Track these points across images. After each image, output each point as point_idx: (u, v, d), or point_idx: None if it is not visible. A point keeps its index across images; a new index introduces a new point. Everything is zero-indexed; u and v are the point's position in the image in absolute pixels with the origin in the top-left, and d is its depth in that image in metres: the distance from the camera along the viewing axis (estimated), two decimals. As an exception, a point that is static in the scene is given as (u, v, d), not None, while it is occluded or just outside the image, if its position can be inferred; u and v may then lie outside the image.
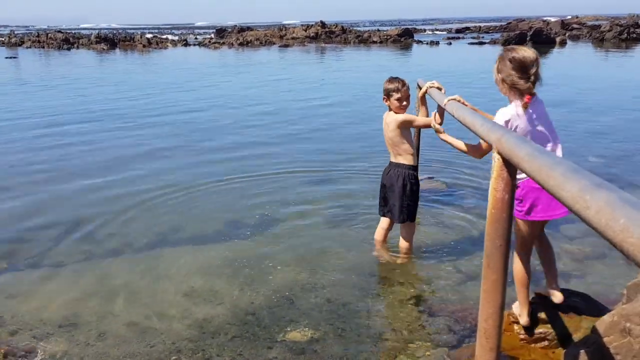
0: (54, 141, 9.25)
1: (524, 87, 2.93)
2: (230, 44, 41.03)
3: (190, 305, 3.89)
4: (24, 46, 41.89)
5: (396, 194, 4.37)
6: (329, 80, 18.11)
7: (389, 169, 4.45)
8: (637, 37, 35.94)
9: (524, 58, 2.93)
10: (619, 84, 15.55)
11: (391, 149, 4.41)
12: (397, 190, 4.36)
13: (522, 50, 2.98)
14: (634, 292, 2.80)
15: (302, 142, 8.91)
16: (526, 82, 2.93)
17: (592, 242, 4.65)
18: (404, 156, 4.36)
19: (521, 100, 2.95)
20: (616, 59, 25.08)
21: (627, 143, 8.25)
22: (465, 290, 4.01)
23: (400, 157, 4.37)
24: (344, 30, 45.86)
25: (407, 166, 4.37)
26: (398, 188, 4.35)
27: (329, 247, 4.83)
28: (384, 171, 4.51)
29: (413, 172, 4.40)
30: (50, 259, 4.75)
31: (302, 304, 3.86)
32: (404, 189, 4.35)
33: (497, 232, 2.02)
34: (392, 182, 4.38)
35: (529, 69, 2.93)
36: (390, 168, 4.43)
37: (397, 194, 4.36)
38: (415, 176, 4.41)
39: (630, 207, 1.04)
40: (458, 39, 44.78)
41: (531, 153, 1.63)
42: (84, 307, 3.90)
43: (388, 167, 4.47)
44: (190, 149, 8.53)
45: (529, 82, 2.93)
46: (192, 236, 5.17)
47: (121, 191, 6.49)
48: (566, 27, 43.62)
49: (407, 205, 4.40)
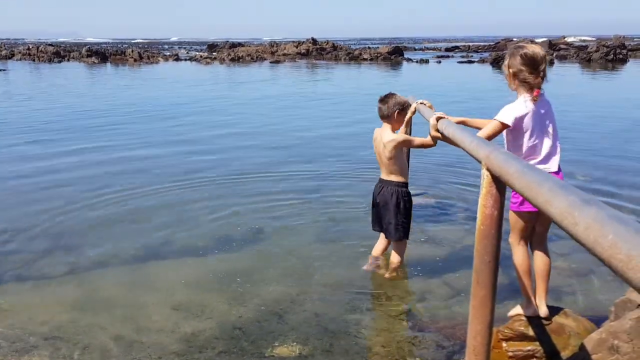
0: (39, 152, 9.20)
1: (534, 82, 3.06)
2: (222, 60, 41.13)
3: (177, 318, 3.85)
4: (15, 59, 41.73)
5: (391, 212, 4.30)
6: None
7: (381, 186, 4.37)
8: (624, 58, 36.51)
9: (534, 54, 3.07)
10: (607, 102, 15.74)
11: (384, 166, 4.33)
12: (391, 209, 4.29)
13: (532, 47, 3.11)
14: (621, 310, 2.82)
15: (294, 155, 8.92)
16: (536, 78, 3.06)
17: (580, 259, 4.67)
18: (396, 174, 4.30)
19: (530, 95, 3.07)
20: (603, 79, 25.42)
21: (614, 159, 8.33)
22: (454, 306, 4.01)
23: (392, 175, 4.31)
24: (335, 47, 46.18)
25: (400, 183, 4.32)
26: (392, 206, 4.29)
27: (318, 261, 4.82)
28: (376, 188, 4.43)
29: (406, 189, 4.35)
30: (35, 271, 4.69)
31: (291, 318, 3.84)
32: (397, 207, 4.29)
33: (486, 249, 2.03)
34: (386, 200, 4.31)
35: (539, 65, 3.07)
36: (383, 185, 4.36)
37: (392, 212, 4.30)
38: (408, 193, 4.37)
39: (618, 223, 1.06)
40: (448, 57, 45.24)
41: (520, 170, 1.65)
42: (69, 320, 3.84)
43: (380, 185, 4.39)
44: (178, 164, 8.50)
45: (538, 77, 3.06)
46: (180, 249, 5.14)
47: (108, 203, 6.44)
48: (554, 47, 44.18)
49: (402, 223, 4.33)
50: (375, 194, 4.42)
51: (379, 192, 4.38)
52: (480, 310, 2.07)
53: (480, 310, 2.07)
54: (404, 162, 4.37)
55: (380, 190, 4.37)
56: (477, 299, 2.08)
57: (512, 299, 4.00)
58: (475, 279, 2.08)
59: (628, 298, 2.92)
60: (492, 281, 2.05)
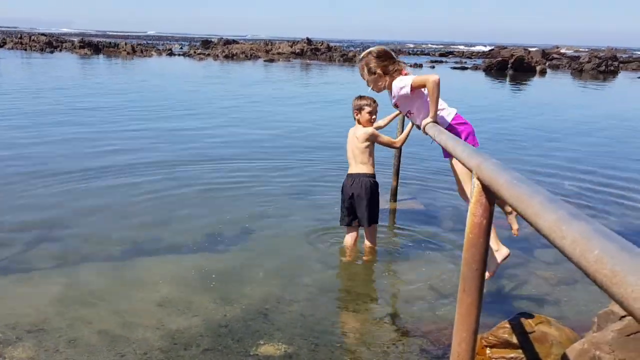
0: (29, 139, 9.13)
1: (400, 66, 3.90)
2: (216, 56, 41.01)
3: (163, 315, 3.84)
4: (6, 47, 41.36)
5: (364, 202, 4.74)
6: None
7: (352, 180, 4.79)
8: (615, 69, 36.86)
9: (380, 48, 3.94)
10: (598, 113, 15.89)
11: (354, 159, 4.79)
12: (365, 198, 4.74)
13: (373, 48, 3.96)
14: (604, 321, 2.85)
15: (283, 154, 8.93)
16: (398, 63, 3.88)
17: (565, 269, 4.72)
18: (367, 165, 4.77)
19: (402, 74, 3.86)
20: (594, 90, 25.64)
21: (602, 170, 8.41)
22: (439, 310, 4.04)
23: (363, 166, 4.76)
24: (330, 48, 46.19)
25: (370, 174, 4.79)
26: (366, 196, 4.74)
27: (305, 261, 4.83)
28: (346, 182, 4.85)
29: (374, 179, 4.82)
30: (20, 263, 4.66)
31: (277, 318, 3.85)
32: (371, 196, 4.76)
33: (474, 257, 2.05)
34: (358, 192, 4.74)
35: (391, 54, 3.91)
36: (354, 178, 4.78)
37: (365, 201, 4.74)
38: (376, 182, 4.83)
39: (604, 238, 1.08)
40: (441, 62, 45.40)
41: (510, 181, 1.66)
42: (54, 313, 3.82)
43: (350, 178, 4.81)
44: (170, 158, 8.47)
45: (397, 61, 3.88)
46: (167, 245, 5.13)
47: (95, 196, 6.42)
48: (547, 56, 44.50)
49: (373, 210, 4.82)
50: (347, 188, 4.82)
51: (350, 185, 4.80)
52: (466, 317, 2.09)
53: (466, 317, 2.09)
54: (373, 156, 4.83)
55: (352, 183, 4.79)
56: (463, 306, 2.10)
57: (498, 308, 4.04)
58: (462, 286, 2.10)
59: (611, 310, 2.96)
60: (479, 289, 2.07)
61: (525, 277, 4.70)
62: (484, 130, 11.77)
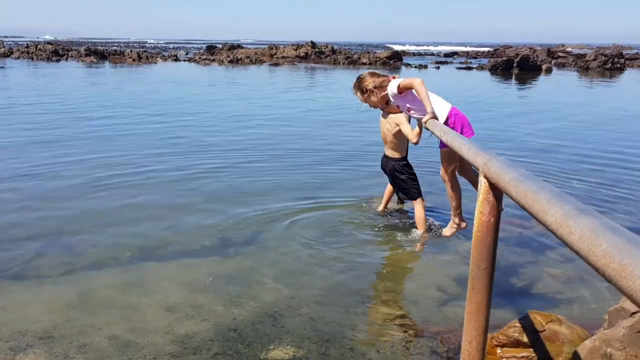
0: (38, 151, 9.18)
1: (389, 77, 4.61)
2: (221, 61, 41.14)
3: (172, 320, 3.85)
4: (13, 57, 41.66)
5: (395, 181, 5.71)
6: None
7: (386, 162, 5.73)
8: (621, 67, 36.69)
9: (369, 72, 4.81)
10: (604, 111, 15.82)
11: (387, 144, 5.68)
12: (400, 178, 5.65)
13: (362, 74, 4.80)
14: (615, 318, 2.83)
15: (295, 158, 8.94)
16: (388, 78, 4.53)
17: (575, 266, 4.70)
18: (395, 151, 5.64)
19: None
20: (601, 87, 25.53)
21: (609, 168, 8.37)
22: (448, 311, 4.02)
23: (392, 151, 5.64)
24: (334, 51, 46.20)
25: (397, 159, 5.64)
26: (394, 177, 5.70)
27: (314, 264, 4.83)
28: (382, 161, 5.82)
29: (405, 161, 5.67)
30: (31, 270, 4.69)
31: (286, 321, 3.85)
32: (398, 177, 5.65)
33: (482, 255, 2.05)
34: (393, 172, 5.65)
35: (376, 73, 4.76)
36: (388, 161, 5.70)
37: (395, 180, 5.72)
38: (408, 164, 5.69)
39: (612, 233, 1.07)
40: (446, 63, 45.32)
41: (516, 178, 1.66)
42: (65, 319, 3.85)
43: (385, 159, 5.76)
44: (177, 164, 8.51)
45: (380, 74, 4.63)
46: (176, 250, 5.14)
47: (104, 202, 6.45)
48: (552, 54, 44.36)
49: (403, 188, 5.70)
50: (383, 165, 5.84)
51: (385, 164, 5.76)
52: (476, 316, 2.09)
53: (475, 316, 2.09)
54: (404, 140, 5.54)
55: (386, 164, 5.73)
56: (472, 305, 2.10)
57: (508, 307, 4.03)
58: (471, 285, 2.09)
59: (622, 306, 2.94)
60: (488, 287, 2.07)
61: (534, 275, 4.68)
62: (489, 127, 11.76)
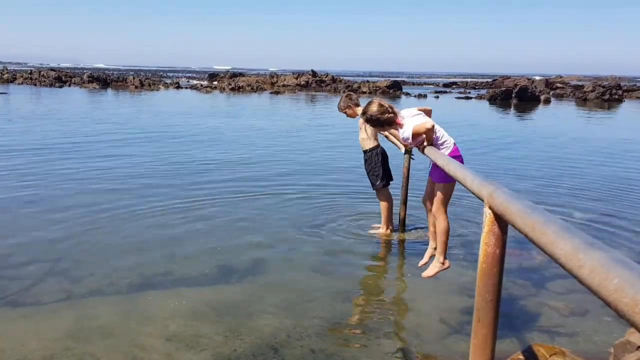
0: (36, 176, 9.19)
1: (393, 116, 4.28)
2: (222, 89, 41.50)
3: (172, 350, 3.80)
4: (16, 82, 42.02)
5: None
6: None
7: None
8: (619, 98, 36.98)
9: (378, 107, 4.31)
10: (602, 141, 15.89)
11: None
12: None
13: (370, 106, 4.31)
14: (621, 351, 2.80)
15: (289, 185, 8.94)
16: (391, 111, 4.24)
17: (577, 299, 4.66)
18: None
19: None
20: (599, 119, 25.70)
21: (610, 200, 8.37)
22: (451, 344, 3.97)
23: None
24: (334, 80, 46.68)
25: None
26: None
27: (315, 294, 4.79)
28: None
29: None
30: (29, 297, 4.65)
31: (287, 353, 3.80)
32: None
33: (488, 287, 2.03)
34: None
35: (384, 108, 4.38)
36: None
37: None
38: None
39: (623, 267, 1.07)
40: (445, 92, 45.73)
41: (523, 210, 1.66)
42: (63, 347, 3.79)
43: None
44: (177, 191, 8.50)
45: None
46: (176, 278, 5.10)
47: (104, 230, 6.42)
48: (550, 85, 44.79)
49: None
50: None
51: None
52: (482, 349, 2.06)
53: (481, 349, 2.06)
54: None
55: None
56: (478, 337, 2.07)
57: (511, 339, 3.98)
58: (477, 317, 2.07)
59: (627, 340, 2.91)
60: (494, 320, 2.05)
61: (536, 307, 4.64)
62: (491, 159, 11.79)
